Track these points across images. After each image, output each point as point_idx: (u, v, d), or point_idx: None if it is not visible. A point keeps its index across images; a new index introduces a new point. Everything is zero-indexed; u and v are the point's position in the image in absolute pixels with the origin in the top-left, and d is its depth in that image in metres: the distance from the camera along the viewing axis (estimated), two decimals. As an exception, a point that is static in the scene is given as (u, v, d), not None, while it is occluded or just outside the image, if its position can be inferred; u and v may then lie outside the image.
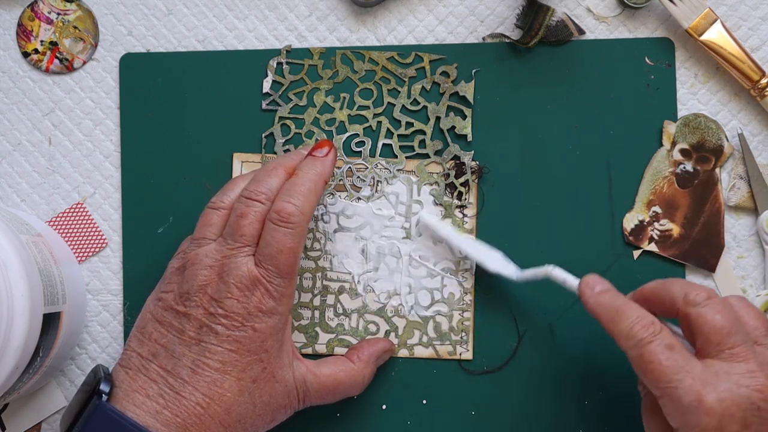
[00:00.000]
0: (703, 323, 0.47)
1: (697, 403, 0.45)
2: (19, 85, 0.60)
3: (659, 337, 0.47)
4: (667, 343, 0.47)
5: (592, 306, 0.50)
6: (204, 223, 0.54)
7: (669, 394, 0.46)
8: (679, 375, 0.46)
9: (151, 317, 0.52)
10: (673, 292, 0.49)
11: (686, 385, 0.45)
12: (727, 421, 0.45)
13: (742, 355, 0.46)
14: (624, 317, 0.48)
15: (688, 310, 0.48)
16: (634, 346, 0.47)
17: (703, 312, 0.48)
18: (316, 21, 0.60)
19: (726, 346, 0.47)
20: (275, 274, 0.51)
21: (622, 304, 0.49)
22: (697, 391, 0.45)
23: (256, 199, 0.53)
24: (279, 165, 0.54)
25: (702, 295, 0.48)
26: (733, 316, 0.48)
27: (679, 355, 0.47)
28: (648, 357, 0.47)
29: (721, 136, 0.58)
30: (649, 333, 0.47)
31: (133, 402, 0.50)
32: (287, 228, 0.52)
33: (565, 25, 0.59)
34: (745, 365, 0.46)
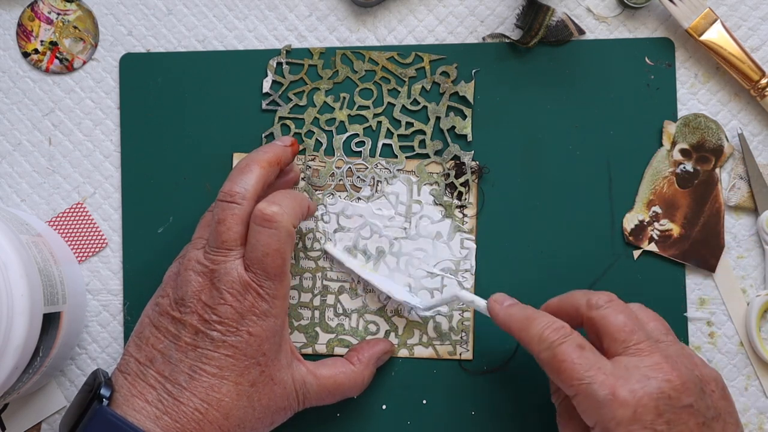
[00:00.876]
0: (607, 324, 0.49)
1: (612, 396, 0.46)
2: (19, 85, 0.60)
3: (570, 338, 0.49)
4: (578, 343, 0.49)
5: (502, 318, 0.52)
6: (201, 225, 0.54)
7: (583, 391, 0.47)
8: (591, 372, 0.47)
9: (149, 322, 0.52)
10: (575, 300, 0.51)
11: (599, 380, 0.47)
12: (642, 411, 0.46)
13: (647, 350, 0.48)
14: (535, 323, 0.50)
15: (591, 314, 0.50)
16: (546, 348, 0.49)
17: (606, 313, 0.50)
18: (316, 21, 0.60)
19: (631, 343, 0.49)
20: (264, 277, 0.51)
21: (532, 312, 0.51)
22: (610, 385, 0.47)
23: (232, 201, 0.52)
24: (252, 161, 0.54)
25: (603, 299, 0.50)
26: (634, 316, 0.50)
27: (590, 354, 0.48)
28: (561, 357, 0.48)
29: (721, 136, 0.58)
30: (560, 335, 0.49)
31: (132, 407, 0.50)
32: (271, 229, 0.51)
33: (565, 25, 0.59)
34: (651, 359, 0.48)
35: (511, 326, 0.51)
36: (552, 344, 0.49)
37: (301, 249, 0.59)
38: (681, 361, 0.48)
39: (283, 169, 0.56)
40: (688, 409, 0.47)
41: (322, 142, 0.59)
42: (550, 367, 0.49)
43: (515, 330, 0.51)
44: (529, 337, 0.50)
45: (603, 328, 0.49)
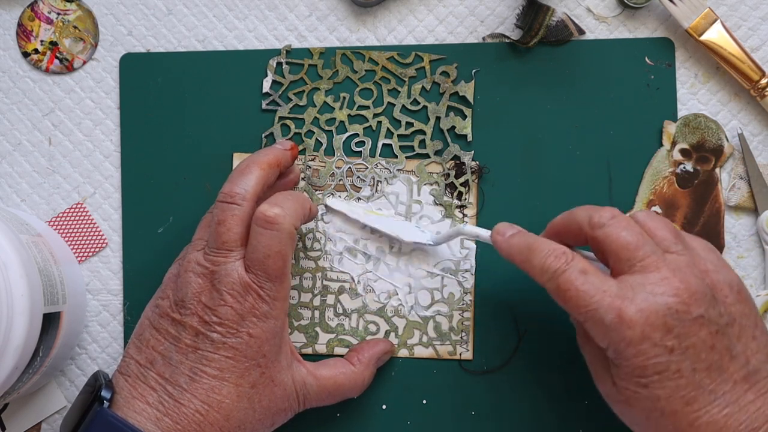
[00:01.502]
0: (610, 242, 0.48)
1: (618, 318, 0.46)
2: (19, 85, 0.60)
3: (572, 264, 0.48)
4: (580, 269, 0.48)
5: (506, 250, 0.51)
6: (201, 226, 0.54)
7: (591, 317, 0.47)
8: (596, 297, 0.47)
9: (149, 324, 0.52)
10: (578, 218, 0.50)
11: (605, 305, 0.46)
12: (650, 330, 0.46)
13: (653, 266, 0.47)
14: (536, 253, 0.49)
15: (594, 233, 0.49)
16: (550, 278, 0.48)
17: (609, 231, 0.48)
18: (316, 21, 0.60)
19: (636, 260, 0.47)
20: (265, 279, 0.51)
21: (534, 241, 0.50)
22: (616, 308, 0.46)
23: (232, 202, 0.52)
24: (253, 162, 0.54)
25: (606, 216, 0.49)
26: (638, 231, 0.48)
27: (593, 278, 0.47)
28: (564, 285, 0.47)
29: (721, 136, 0.58)
30: (562, 263, 0.48)
31: (133, 409, 0.50)
32: (273, 231, 0.51)
33: (565, 25, 0.59)
34: (658, 274, 0.47)
35: (513, 257, 0.51)
36: (555, 273, 0.48)
37: (301, 249, 0.59)
38: (689, 272, 0.47)
39: (283, 172, 0.56)
40: (699, 320, 0.46)
41: (322, 142, 0.59)
42: (556, 296, 0.48)
43: (518, 261, 0.50)
44: (532, 268, 0.49)
45: (607, 246, 0.48)
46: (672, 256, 0.48)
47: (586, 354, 0.52)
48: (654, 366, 0.46)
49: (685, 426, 0.46)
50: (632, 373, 0.47)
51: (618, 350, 0.46)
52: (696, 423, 0.46)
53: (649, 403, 0.47)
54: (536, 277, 0.49)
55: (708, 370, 0.46)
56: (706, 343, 0.46)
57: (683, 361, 0.46)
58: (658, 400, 0.46)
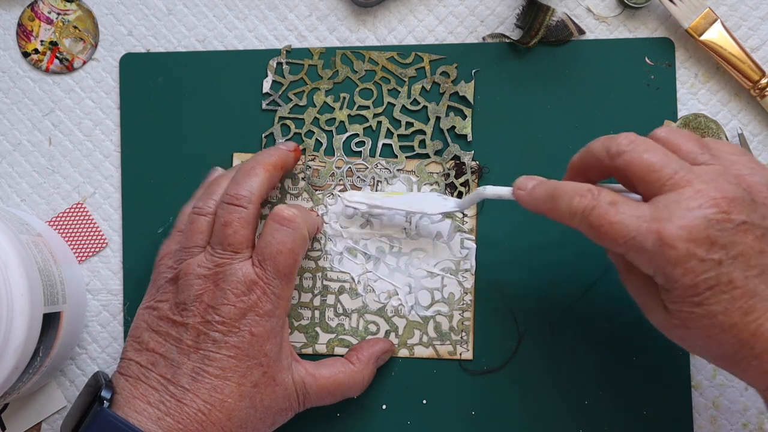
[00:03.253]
0: (634, 167, 0.47)
1: (659, 241, 0.44)
2: (19, 85, 0.60)
3: (600, 198, 0.46)
4: (609, 201, 0.46)
5: (530, 203, 0.50)
6: (192, 231, 0.53)
7: (631, 246, 0.45)
8: (632, 225, 0.45)
9: (147, 327, 0.52)
10: (595, 152, 0.49)
11: (643, 230, 0.45)
12: (694, 246, 0.44)
13: (683, 181, 0.45)
14: (560, 197, 0.48)
15: (615, 162, 0.47)
16: (581, 220, 0.47)
17: (630, 157, 0.47)
18: (316, 21, 0.60)
19: (665, 179, 0.46)
20: (273, 275, 0.51)
21: (556, 186, 0.49)
22: (654, 231, 0.44)
23: (238, 204, 0.52)
24: (257, 164, 0.54)
25: (624, 142, 0.47)
26: (661, 150, 0.47)
27: (625, 207, 0.46)
28: (596, 221, 0.46)
29: (721, 136, 0.58)
30: (589, 200, 0.46)
31: (134, 409, 0.50)
32: (289, 228, 0.52)
33: (565, 25, 0.59)
34: (690, 188, 0.45)
35: (539, 208, 0.49)
36: (584, 212, 0.46)
37: (301, 249, 0.59)
38: (722, 179, 0.45)
39: (285, 175, 0.57)
40: (742, 226, 0.44)
41: (322, 142, 0.59)
42: (590, 235, 0.47)
43: (544, 211, 0.49)
44: (560, 213, 0.48)
45: (632, 173, 0.46)
46: (701, 168, 0.46)
47: (632, 288, 0.50)
48: (705, 282, 0.44)
49: (748, 336, 0.44)
50: (684, 294, 0.45)
51: (665, 273, 0.45)
52: (759, 331, 0.44)
53: (706, 320, 0.45)
54: (566, 221, 0.48)
55: (761, 276, 0.44)
56: (754, 248, 0.44)
57: (734, 271, 0.44)
58: (715, 315, 0.44)
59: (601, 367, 0.58)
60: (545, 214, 0.49)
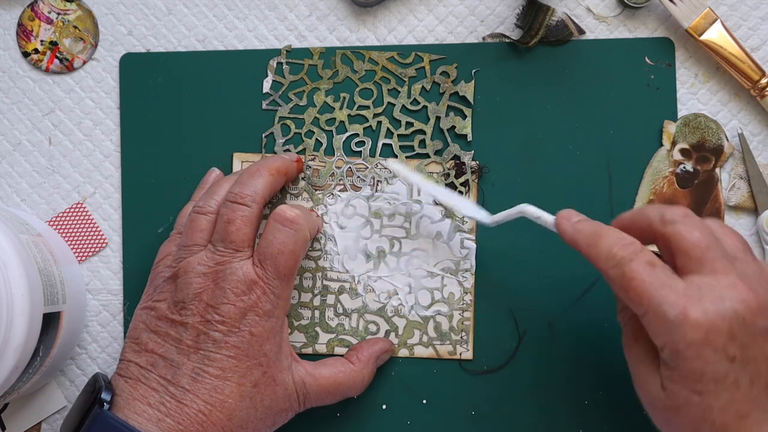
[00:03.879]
0: (681, 240, 0.46)
1: (683, 317, 0.44)
2: (19, 85, 0.60)
3: (640, 255, 0.46)
4: (648, 260, 0.46)
5: (571, 235, 0.50)
6: (193, 229, 0.53)
7: (653, 310, 0.45)
8: (662, 290, 0.45)
9: (145, 327, 0.52)
10: (648, 215, 0.48)
11: (671, 300, 0.44)
12: (714, 335, 0.44)
13: (722, 269, 0.45)
14: (604, 239, 0.48)
15: (665, 229, 0.47)
16: (615, 266, 0.46)
17: (681, 229, 0.47)
18: (316, 21, 0.60)
19: (706, 260, 0.46)
20: (274, 275, 0.51)
21: (601, 228, 0.49)
22: (682, 305, 0.44)
23: (242, 203, 0.52)
24: (262, 166, 0.55)
25: (679, 213, 0.47)
26: (710, 233, 0.47)
27: (661, 272, 0.46)
28: (630, 274, 0.46)
29: (721, 136, 0.58)
30: (630, 251, 0.46)
31: (134, 410, 0.50)
32: (291, 229, 0.52)
33: (565, 25, 0.59)
34: (727, 279, 0.45)
35: (578, 242, 0.49)
36: (621, 261, 0.46)
37: (301, 249, 0.59)
38: (759, 281, 0.46)
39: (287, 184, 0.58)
40: (765, 333, 0.44)
41: (322, 142, 0.59)
42: (618, 285, 0.46)
43: (583, 246, 0.49)
44: (598, 254, 0.47)
45: (677, 244, 0.46)
46: (741, 263, 0.46)
47: (632, 356, 0.49)
48: (713, 373, 0.44)
49: None
50: (688, 377, 0.44)
51: (677, 350, 0.44)
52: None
53: (700, 412, 0.45)
54: (600, 264, 0.47)
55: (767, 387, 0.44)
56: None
57: (743, 373, 0.44)
58: (711, 410, 0.44)
59: (601, 367, 0.57)
60: (581, 250, 0.49)
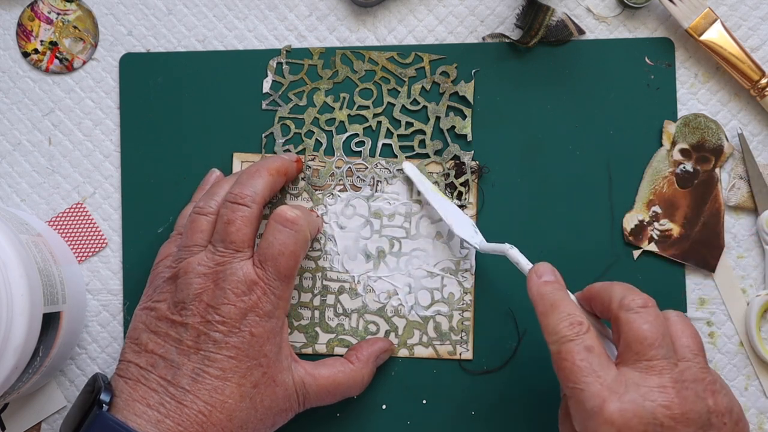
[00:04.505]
0: (628, 330, 0.47)
1: (599, 409, 0.45)
2: (19, 85, 0.60)
3: (582, 337, 0.47)
4: (586, 345, 0.47)
5: (533, 294, 0.50)
6: (193, 230, 0.53)
7: (576, 396, 0.46)
8: (589, 378, 0.45)
9: (145, 328, 0.52)
10: (612, 293, 0.49)
11: (593, 390, 0.45)
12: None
13: (658, 369, 0.46)
14: (556, 312, 0.48)
15: (619, 314, 0.48)
16: (555, 342, 0.47)
17: (633, 318, 0.47)
18: (316, 21, 0.60)
19: (644, 357, 0.46)
20: (274, 276, 0.51)
21: (560, 299, 0.49)
22: (602, 398, 0.45)
23: (242, 203, 0.52)
24: (262, 167, 0.55)
25: (638, 302, 0.48)
26: (662, 330, 0.47)
27: (595, 359, 0.46)
28: (564, 354, 0.47)
29: (721, 136, 0.58)
30: (573, 332, 0.47)
31: (133, 412, 0.50)
32: (291, 230, 0.52)
33: (565, 25, 0.59)
34: (659, 379, 0.45)
35: (535, 304, 0.50)
36: (562, 339, 0.47)
37: (301, 249, 0.59)
38: (692, 387, 0.46)
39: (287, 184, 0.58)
40: None
41: (322, 142, 0.59)
42: (554, 361, 0.48)
43: (538, 311, 0.50)
44: (546, 325, 0.48)
45: (623, 333, 0.47)
46: (683, 366, 0.46)
47: (563, 427, 0.51)
48: None
49: None
50: None
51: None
52: None
53: None
54: (545, 335, 0.49)
55: None
56: None
57: None
58: None
59: (601, 367, 0.57)
60: (536, 311, 0.50)
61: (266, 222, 0.54)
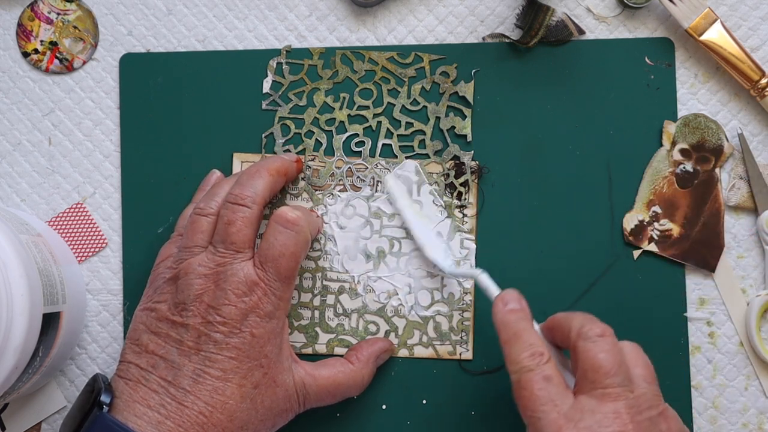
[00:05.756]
0: (585, 358, 0.48)
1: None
2: (19, 85, 0.60)
3: (541, 367, 0.48)
4: (545, 375, 0.47)
5: (497, 321, 0.51)
6: (194, 231, 0.53)
7: (534, 424, 0.47)
8: (546, 407, 0.46)
9: (145, 328, 0.52)
10: (572, 323, 0.49)
11: (550, 418, 0.46)
12: None
13: (613, 396, 0.46)
14: (518, 342, 0.49)
15: (577, 343, 0.48)
16: (516, 371, 0.48)
17: (589, 347, 0.48)
18: (316, 21, 0.60)
19: (600, 385, 0.47)
20: (275, 278, 0.51)
21: (523, 329, 0.50)
22: (558, 426, 0.46)
23: (243, 204, 0.52)
24: (262, 167, 0.55)
25: (595, 331, 0.48)
26: (618, 359, 0.47)
27: (553, 388, 0.47)
28: (524, 384, 0.47)
29: (721, 136, 0.58)
30: (534, 363, 0.48)
31: (134, 413, 0.49)
32: (292, 231, 0.52)
33: (565, 25, 0.59)
34: (613, 405, 0.46)
35: (500, 333, 0.50)
36: (522, 369, 0.48)
37: (301, 249, 0.59)
38: (646, 415, 0.47)
39: (287, 184, 0.58)
40: None
41: (322, 142, 0.59)
42: (513, 391, 0.48)
43: (501, 340, 0.50)
44: (508, 354, 0.49)
45: (581, 361, 0.48)
46: (637, 394, 0.47)
47: None
48: None
49: None
50: None
51: None
52: None
53: None
54: (507, 364, 0.49)
55: None
56: None
57: None
58: None
59: (601, 367, 0.57)
60: (500, 339, 0.50)
61: (267, 222, 0.54)
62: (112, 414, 0.49)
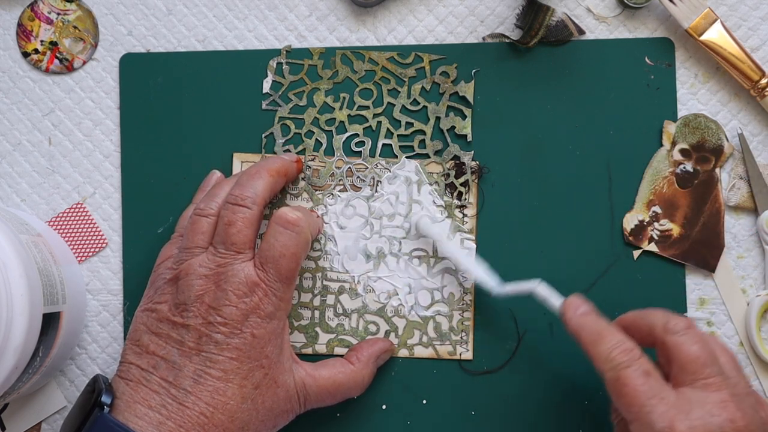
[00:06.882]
0: (680, 352, 0.48)
1: (669, 429, 0.45)
2: (19, 85, 0.60)
3: (638, 362, 0.48)
4: (644, 369, 0.47)
5: (574, 326, 0.51)
6: (194, 231, 0.53)
7: (641, 419, 0.46)
8: (653, 400, 0.46)
9: (146, 329, 0.52)
10: (652, 320, 0.50)
11: (659, 411, 0.46)
12: None
13: (715, 386, 0.47)
14: (605, 340, 0.49)
15: (666, 338, 0.49)
16: (612, 369, 0.48)
17: (682, 341, 0.48)
18: (316, 21, 0.60)
19: (701, 376, 0.47)
20: (275, 278, 0.51)
21: (604, 328, 0.50)
22: (670, 418, 0.46)
23: (243, 205, 0.52)
24: (262, 168, 0.55)
25: (681, 324, 0.49)
26: (710, 350, 0.48)
27: (654, 382, 0.47)
28: (624, 380, 0.47)
29: (721, 136, 0.58)
30: (629, 358, 0.48)
31: (135, 413, 0.49)
32: (292, 232, 0.52)
33: (565, 25, 0.59)
34: (718, 395, 0.47)
35: (581, 337, 0.50)
36: (618, 365, 0.48)
37: (301, 249, 0.59)
38: (748, 402, 0.47)
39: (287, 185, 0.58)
40: None
41: (322, 142, 0.59)
42: (612, 389, 0.48)
43: (584, 342, 0.50)
44: (597, 354, 0.49)
45: (675, 355, 0.48)
46: (732, 382, 0.48)
47: None
48: None
49: None
50: None
51: None
52: None
53: None
54: (599, 364, 0.49)
55: None
56: None
57: None
58: None
59: (601, 367, 0.58)
60: (582, 345, 0.50)
61: (267, 223, 0.54)
62: (113, 415, 0.49)
